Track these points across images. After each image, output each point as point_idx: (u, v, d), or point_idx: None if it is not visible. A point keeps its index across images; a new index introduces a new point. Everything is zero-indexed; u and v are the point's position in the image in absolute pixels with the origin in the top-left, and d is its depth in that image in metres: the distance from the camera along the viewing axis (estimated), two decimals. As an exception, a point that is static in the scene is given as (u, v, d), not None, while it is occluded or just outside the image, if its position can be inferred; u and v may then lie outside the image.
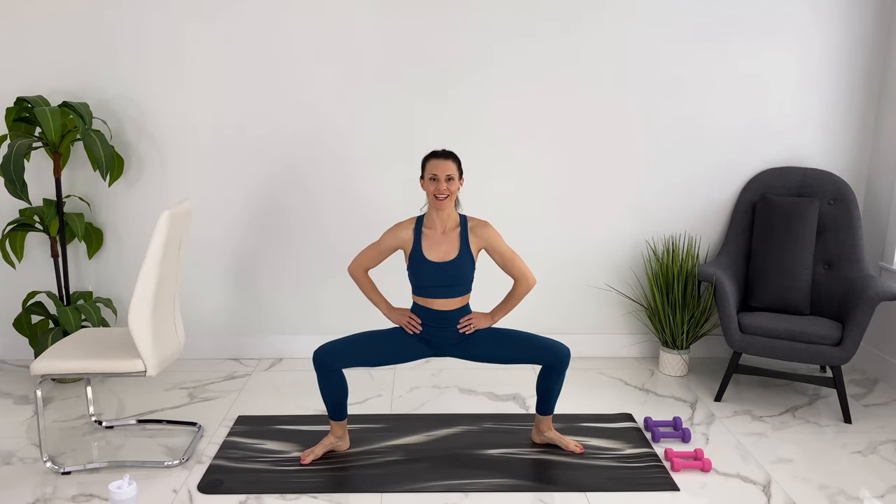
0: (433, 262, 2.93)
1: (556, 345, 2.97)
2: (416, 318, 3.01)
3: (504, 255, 3.00)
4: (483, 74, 3.90)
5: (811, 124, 4.04)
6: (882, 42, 3.95)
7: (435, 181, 2.88)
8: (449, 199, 2.91)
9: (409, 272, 2.99)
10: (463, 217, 3.00)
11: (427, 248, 2.94)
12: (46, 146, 3.63)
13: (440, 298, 2.96)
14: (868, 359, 4.07)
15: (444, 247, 2.94)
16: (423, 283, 2.95)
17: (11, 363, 4.07)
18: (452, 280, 2.94)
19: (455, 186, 2.91)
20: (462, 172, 2.95)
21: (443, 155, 2.92)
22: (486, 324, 3.04)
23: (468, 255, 2.95)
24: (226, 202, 4.00)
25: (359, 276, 3.07)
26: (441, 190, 2.87)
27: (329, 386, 2.95)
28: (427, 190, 2.91)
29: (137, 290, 2.77)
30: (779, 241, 3.75)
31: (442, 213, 2.94)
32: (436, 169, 2.88)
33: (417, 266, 2.94)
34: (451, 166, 2.89)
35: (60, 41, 3.79)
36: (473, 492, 2.81)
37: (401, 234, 2.99)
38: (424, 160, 2.95)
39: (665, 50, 3.92)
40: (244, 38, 3.82)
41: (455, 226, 2.98)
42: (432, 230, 2.96)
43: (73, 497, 2.75)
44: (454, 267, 2.93)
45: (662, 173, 4.07)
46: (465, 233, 2.96)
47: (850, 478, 2.95)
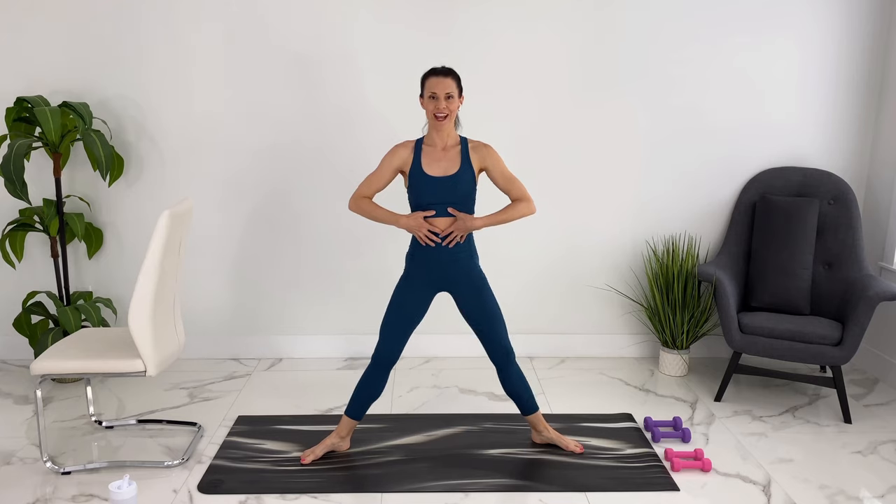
0: (434, 177, 2.87)
1: (503, 343, 2.96)
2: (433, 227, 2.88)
3: (505, 175, 2.94)
4: (483, 74, 3.90)
5: (811, 124, 4.04)
6: (882, 42, 3.95)
7: (434, 99, 2.83)
8: (449, 119, 2.86)
9: (409, 191, 2.93)
10: (463, 138, 2.96)
11: (427, 164, 2.89)
12: (46, 146, 3.63)
13: (441, 217, 2.89)
14: (868, 359, 4.07)
15: (445, 162, 2.89)
16: (424, 200, 2.89)
17: (11, 363, 4.07)
18: (453, 196, 2.87)
19: (455, 105, 2.86)
20: (462, 90, 2.89)
21: (442, 72, 2.85)
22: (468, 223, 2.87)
23: (469, 171, 2.89)
24: (226, 202, 4.00)
25: (360, 205, 2.96)
26: (440, 108, 2.83)
27: (374, 384, 2.97)
28: (426, 109, 2.86)
29: (137, 290, 2.77)
30: (779, 241, 3.75)
31: (442, 132, 2.90)
32: (435, 87, 2.82)
33: (417, 182, 2.89)
34: (451, 84, 2.84)
35: (60, 41, 3.79)
36: (473, 492, 2.81)
37: (400, 154, 2.93)
38: (423, 78, 2.88)
39: (665, 49, 3.92)
40: (244, 37, 3.83)
41: (455, 143, 2.93)
42: (432, 147, 2.92)
43: (73, 497, 2.75)
44: (455, 181, 2.87)
45: (662, 173, 4.07)
46: (466, 150, 2.92)
47: (849, 478, 2.95)
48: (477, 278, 3.00)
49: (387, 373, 2.98)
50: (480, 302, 2.98)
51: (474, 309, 2.98)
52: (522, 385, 3.05)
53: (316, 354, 4.17)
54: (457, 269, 2.96)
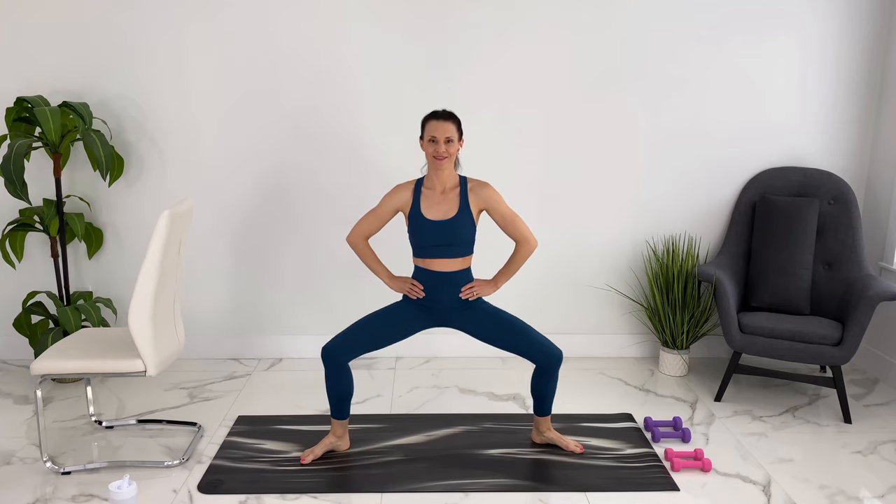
0: (432, 221, 2.90)
1: (550, 346, 2.97)
2: (418, 283, 2.98)
3: (505, 216, 2.97)
4: (482, 74, 3.90)
5: (811, 124, 4.04)
6: (882, 42, 3.95)
7: (434, 143, 2.86)
8: (448, 161, 2.88)
9: (410, 233, 2.97)
10: (463, 178, 2.98)
11: (426, 208, 2.92)
12: (46, 146, 3.63)
13: (441, 258, 2.92)
14: (868, 359, 4.07)
15: (444, 206, 2.92)
16: (423, 242, 2.92)
17: (11, 363, 4.07)
18: (452, 239, 2.90)
19: (454, 148, 2.88)
20: (462, 133, 2.91)
21: (442, 116, 2.88)
22: (489, 290, 3.02)
23: (468, 214, 2.92)
24: (226, 202, 4.00)
25: (359, 245, 3.03)
26: (440, 152, 2.85)
27: (337, 382, 2.95)
28: (426, 151, 2.89)
29: (137, 290, 2.77)
30: (779, 241, 3.75)
31: (441, 174, 2.92)
32: (435, 131, 2.85)
33: (417, 225, 2.92)
34: (451, 128, 2.86)
35: (60, 41, 3.79)
36: (473, 492, 2.81)
37: (400, 195, 2.96)
38: (424, 121, 2.91)
39: (665, 49, 3.92)
40: (244, 38, 3.83)
41: (455, 185, 2.95)
42: (432, 190, 2.94)
43: (73, 497, 2.75)
44: (454, 225, 2.89)
45: (662, 173, 4.07)
46: (465, 193, 2.94)
47: (849, 478, 2.95)
48: (481, 306, 3.03)
49: (344, 368, 2.95)
50: (494, 321, 3.00)
51: (491, 331, 3.00)
52: (553, 389, 3.05)
53: (316, 354, 4.17)
54: (457, 304, 3.00)
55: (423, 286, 2.98)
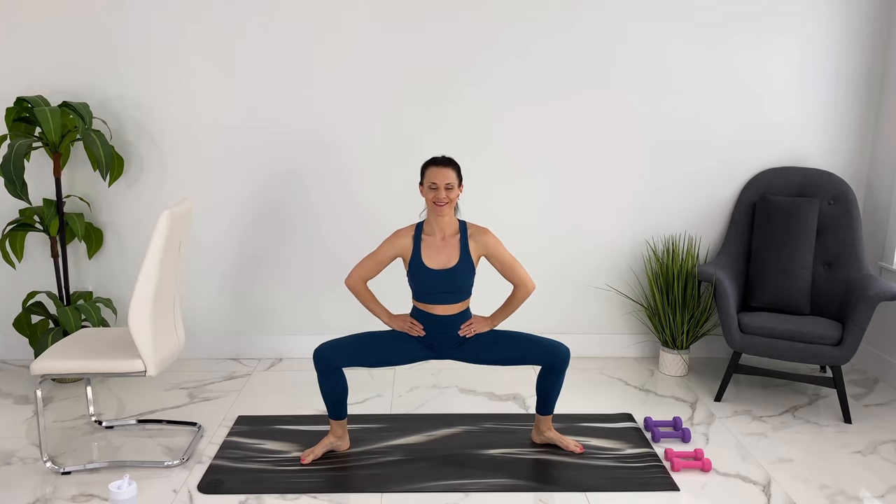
0: (433, 270, 2.92)
1: (556, 345, 2.97)
2: (418, 323, 3.01)
3: (504, 262, 2.99)
4: (482, 75, 3.90)
5: (811, 124, 4.04)
6: (882, 42, 3.95)
7: (434, 189, 2.87)
8: (448, 206, 2.90)
9: (409, 279, 2.99)
10: (462, 223, 2.99)
11: (427, 256, 2.93)
12: (46, 146, 3.63)
13: (441, 304, 2.96)
14: (868, 359, 4.07)
15: (444, 254, 2.94)
16: (423, 290, 2.95)
17: (11, 363, 4.07)
18: (452, 287, 2.93)
19: (454, 194, 2.89)
20: (461, 179, 2.93)
21: (442, 162, 2.89)
22: (486, 328, 3.05)
23: (468, 262, 2.94)
24: (226, 202, 4.00)
25: (358, 289, 3.05)
26: (440, 199, 2.86)
27: (329, 384, 2.95)
28: (426, 197, 2.90)
29: (137, 290, 2.77)
30: (779, 241, 3.75)
31: (441, 220, 2.93)
32: (435, 177, 2.86)
33: (417, 273, 2.94)
34: (451, 174, 2.87)
35: (60, 41, 3.79)
36: (473, 492, 2.81)
37: (400, 242, 2.98)
38: (424, 167, 2.93)
39: (665, 50, 3.92)
40: (244, 39, 3.82)
41: (454, 232, 2.97)
42: (432, 237, 2.96)
43: (73, 497, 2.75)
44: (454, 274, 2.92)
45: (662, 173, 4.07)
46: (465, 239, 2.95)
47: (849, 478, 2.95)
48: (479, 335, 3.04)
49: (335, 371, 2.94)
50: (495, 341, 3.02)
51: (496, 353, 3.02)
52: (559, 388, 3.05)
53: (316, 354, 4.17)
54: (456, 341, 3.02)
55: (422, 326, 3.00)
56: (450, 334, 3.01)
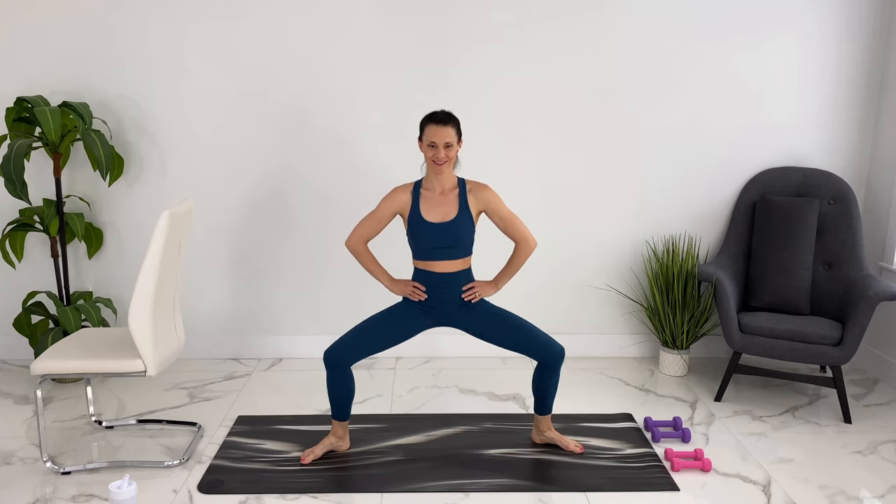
0: (432, 223, 2.89)
1: (552, 342, 2.97)
2: (419, 285, 2.98)
3: (504, 218, 2.98)
4: (482, 75, 3.90)
5: (811, 124, 4.04)
6: (882, 42, 3.95)
7: (433, 148, 2.85)
8: (448, 164, 2.88)
9: (409, 236, 2.96)
10: (461, 180, 2.97)
11: (426, 210, 2.91)
12: (46, 146, 3.63)
13: (441, 261, 2.92)
14: (868, 359, 4.07)
15: (443, 208, 2.92)
16: (423, 245, 2.92)
17: (11, 363, 4.07)
18: (452, 241, 2.90)
19: (454, 152, 2.87)
20: (461, 135, 2.90)
21: (441, 119, 2.85)
22: (490, 291, 3.02)
23: (467, 216, 2.92)
24: (226, 202, 4.00)
25: (359, 249, 3.02)
26: (440, 157, 2.84)
27: (339, 385, 2.95)
28: (425, 154, 2.88)
29: (137, 290, 2.77)
30: (779, 241, 3.75)
31: (441, 177, 2.92)
32: (434, 136, 2.83)
33: (416, 228, 2.91)
34: (450, 132, 2.84)
35: (60, 41, 3.79)
36: (473, 492, 2.81)
37: (399, 198, 2.95)
38: (423, 123, 2.89)
39: (665, 50, 3.92)
40: (244, 38, 3.83)
41: (454, 187, 2.95)
42: (431, 191, 2.94)
43: (73, 497, 2.75)
44: (453, 227, 2.89)
45: (662, 173, 4.07)
46: (464, 194, 2.93)
47: (850, 478, 2.95)
48: (483, 305, 3.03)
49: (346, 371, 2.95)
50: (495, 320, 3.00)
51: (493, 330, 3.00)
52: (555, 387, 3.05)
53: (316, 354, 4.17)
54: (459, 305, 3.00)
55: (425, 288, 2.97)
56: (452, 295, 2.97)
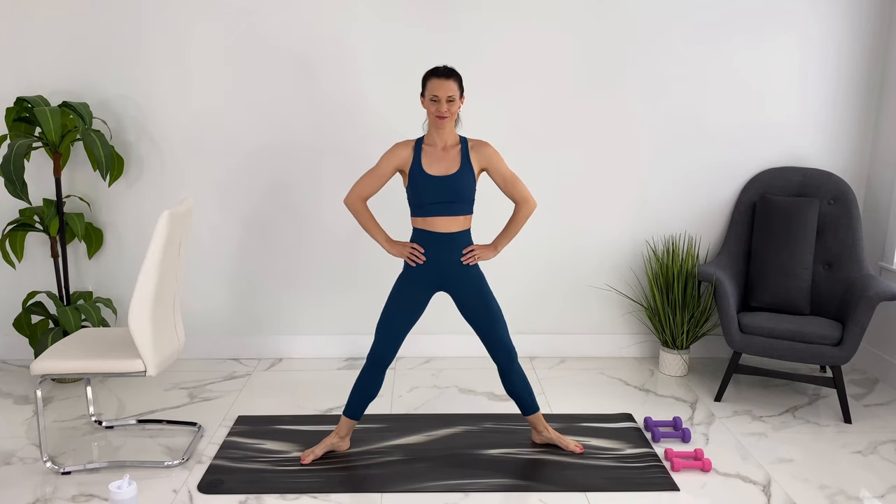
0: (434, 177, 2.87)
1: (507, 343, 2.97)
2: (418, 247, 2.95)
3: (505, 176, 2.97)
4: (482, 75, 3.90)
5: (811, 124, 4.04)
6: (882, 42, 3.95)
7: (436, 102, 2.83)
8: (450, 119, 2.87)
9: (409, 190, 2.94)
10: (463, 137, 2.96)
11: (427, 164, 2.89)
12: (46, 146, 3.63)
13: (441, 216, 2.89)
14: (868, 359, 4.07)
15: (445, 163, 2.90)
16: (423, 199, 2.89)
17: (11, 363, 4.07)
18: (453, 195, 2.88)
19: (456, 107, 2.86)
20: (463, 90, 2.89)
21: (444, 73, 2.84)
22: (490, 254, 3.01)
23: (469, 171, 2.90)
24: (226, 202, 4.00)
25: (357, 207, 2.99)
26: (442, 111, 2.83)
27: (371, 384, 2.96)
28: (428, 109, 2.86)
29: (137, 290, 2.77)
30: (779, 241, 3.75)
31: (442, 132, 2.90)
32: (437, 90, 2.82)
33: (417, 181, 2.89)
34: (453, 86, 2.83)
35: (61, 41, 3.79)
36: (473, 492, 2.81)
37: (400, 153, 2.93)
38: (425, 78, 2.88)
39: (665, 50, 3.92)
40: (244, 38, 3.83)
41: (455, 143, 2.94)
42: (433, 147, 2.92)
43: (73, 497, 2.75)
44: (455, 181, 2.87)
45: (662, 173, 4.07)
46: (466, 150, 2.92)
47: (850, 478, 2.95)
48: (476, 278, 3.00)
49: (383, 372, 2.97)
50: (481, 301, 2.98)
51: (475, 308, 2.98)
52: (524, 385, 3.05)
53: (316, 354, 4.17)
54: (456, 268, 2.96)
55: (423, 249, 2.94)
56: (450, 256, 2.94)
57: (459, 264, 2.96)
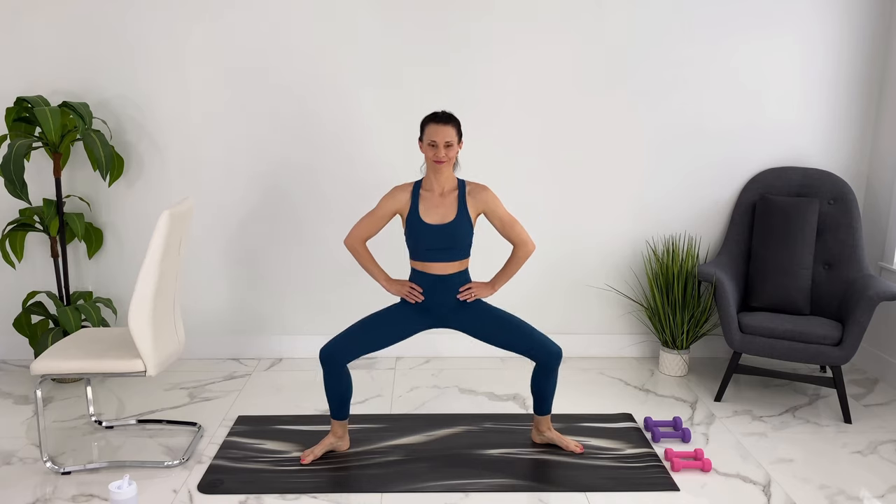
0: (430, 225, 2.89)
1: (549, 343, 2.97)
2: (417, 286, 2.98)
3: (503, 220, 2.98)
4: (482, 75, 3.90)
5: (811, 124, 4.04)
6: (882, 42, 3.95)
7: (434, 147, 2.85)
8: (447, 164, 2.88)
9: (407, 236, 2.96)
10: (461, 181, 2.97)
11: (424, 211, 2.91)
12: (46, 146, 3.63)
13: (438, 262, 2.92)
14: (868, 359, 4.07)
15: (442, 209, 2.92)
16: (421, 246, 2.92)
17: (11, 363, 4.07)
18: (450, 242, 2.90)
19: (454, 152, 2.87)
20: (461, 136, 2.91)
21: (442, 119, 2.86)
22: (487, 292, 3.02)
23: (466, 218, 2.92)
24: (226, 202, 4.00)
25: (357, 248, 3.02)
26: (440, 156, 2.84)
27: (336, 384, 2.95)
28: (426, 154, 2.88)
29: (137, 290, 2.77)
30: (779, 241, 3.75)
31: (440, 177, 2.92)
32: (435, 135, 2.84)
33: (415, 229, 2.91)
34: (451, 132, 2.85)
35: (60, 41, 3.79)
36: (473, 492, 2.81)
37: (399, 197, 2.95)
38: (423, 123, 2.90)
39: (665, 49, 3.92)
40: (244, 38, 3.83)
41: (453, 188, 2.95)
42: (430, 192, 2.94)
43: (73, 497, 2.75)
44: (452, 229, 2.89)
45: (662, 173, 4.07)
46: (464, 196, 2.93)
47: (850, 478, 2.95)
48: (479, 305, 3.03)
49: (342, 370, 2.94)
50: (491, 320, 3.00)
51: (490, 331, 3.00)
52: (553, 388, 3.05)
53: (316, 354, 4.17)
54: (455, 306, 3.01)
55: (422, 289, 2.98)
56: (449, 297, 2.97)
57: (458, 301, 3.00)
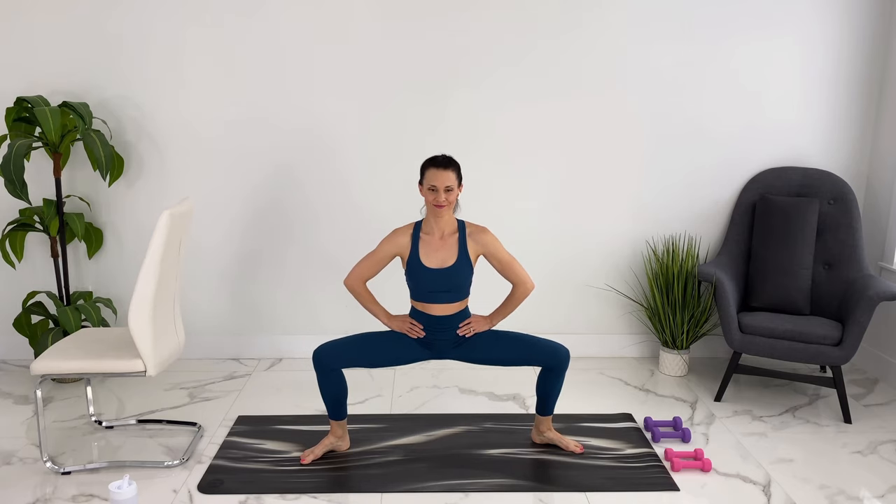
0: (431, 269, 2.92)
1: (556, 346, 2.97)
2: (417, 323, 3.00)
3: (503, 261, 2.99)
4: (482, 76, 3.90)
5: (811, 124, 4.04)
6: (882, 42, 3.95)
7: (434, 192, 2.86)
8: (448, 208, 2.90)
9: (408, 278, 2.99)
10: (461, 223, 2.99)
11: (425, 255, 2.93)
12: (46, 146, 3.63)
13: (438, 304, 2.95)
14: (868, 359, 4.07)
15: (442, 253, 2.93)
16: (422, 288, 2.95)
17: (11, 363, 4.07)
18: (450, 286, 2.93)
19: (454, 196, 2.89)
20: (461, 180, 2.92)
21: (442, 164, 2.87)
22: (485, 327, 3.04)
23: (466, 262, 2.93)
24: (226, 202, 4.00)
25: (357, 289, 3.04)
26: (440, 201, 2.86)
27: (328, 385, 2.95)
28: (426, 198, 2.90)
29: (137, 290, 2.77)
30: (779, 241, 3.75)
31: (440, 220, 2.93)
32: (435, 180, 2.85)
33: (415, 272, 2.94)
34: (451, 176, 2.86)
35: (60, 41, 3.79)
36: (473, 492, 2.81)
37: (398, 240, 2.97)
38: (423, 167, 2.91)
39: (665, 50, 3.92)
40: (244, 38, 3.82)
41: (453, 231, 2.97)
42: (430, 236, 2.95)
43: (73, 497, 2.75)
44: (452, 273, 2.92)
45: (662, 173, 4.07)
46: (464, 238, 2.95)
47: (850, 478, 2.95)
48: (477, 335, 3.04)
49: (335, 372, 2.94)
50: (494, 341, 3.01)
51: (496, 354, 3.01)
52: (559, 389, 3.05)
53: (316, 354, 4.17)
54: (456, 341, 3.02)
55: (423, 326, 3.00)
56: (448, 334, 3.00)
57: (458, 337, 3.02)
